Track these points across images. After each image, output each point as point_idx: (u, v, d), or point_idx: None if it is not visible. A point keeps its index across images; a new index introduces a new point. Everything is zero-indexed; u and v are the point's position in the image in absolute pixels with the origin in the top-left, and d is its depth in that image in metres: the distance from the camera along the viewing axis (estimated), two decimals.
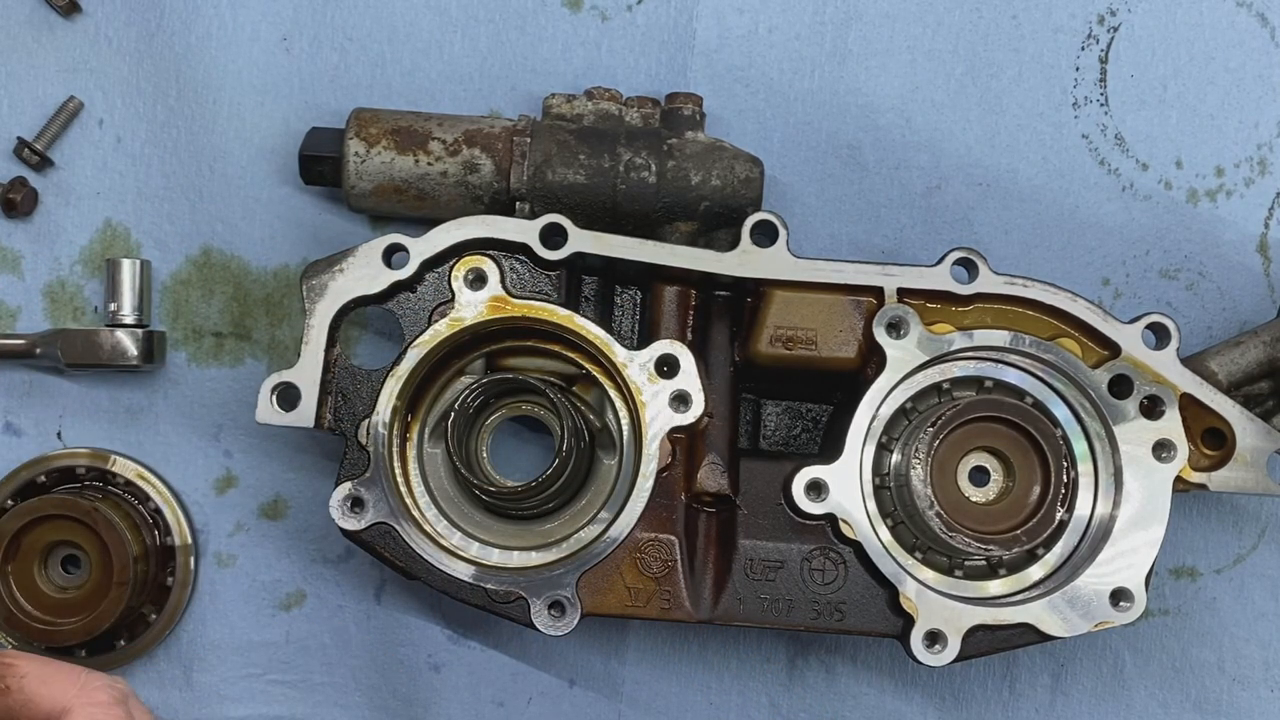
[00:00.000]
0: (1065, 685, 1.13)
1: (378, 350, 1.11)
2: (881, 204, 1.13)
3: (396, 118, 1.06)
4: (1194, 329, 1.12)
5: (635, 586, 1.00)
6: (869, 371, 1.01)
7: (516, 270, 1.02)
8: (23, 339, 1.09)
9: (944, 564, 1.02)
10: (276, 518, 1.12)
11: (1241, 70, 1.14)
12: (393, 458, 1.02)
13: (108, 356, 1.07)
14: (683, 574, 1.00)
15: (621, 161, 1.04)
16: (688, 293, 1.04)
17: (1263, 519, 1.14)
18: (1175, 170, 1.14)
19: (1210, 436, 1.03)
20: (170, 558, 1.10)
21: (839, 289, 1.02)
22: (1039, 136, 1.13)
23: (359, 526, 1.00)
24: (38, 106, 1.12)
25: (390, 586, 1.12)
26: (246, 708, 1.12)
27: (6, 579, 1.05)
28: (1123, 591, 1.00)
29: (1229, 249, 1.14)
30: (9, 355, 1.10)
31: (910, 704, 1.13)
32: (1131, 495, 1.01)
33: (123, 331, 1.08)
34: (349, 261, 1.01)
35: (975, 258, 1.01)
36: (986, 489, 1.01)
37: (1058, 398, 1.02)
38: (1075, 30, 1.14)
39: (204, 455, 1.12)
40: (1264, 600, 1.13)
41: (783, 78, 1.13)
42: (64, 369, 1.09)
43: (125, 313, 1.08)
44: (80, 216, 1.12)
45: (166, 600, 1.10)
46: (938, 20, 1.13)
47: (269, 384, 1.01)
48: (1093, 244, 1.13)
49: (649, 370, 1.00)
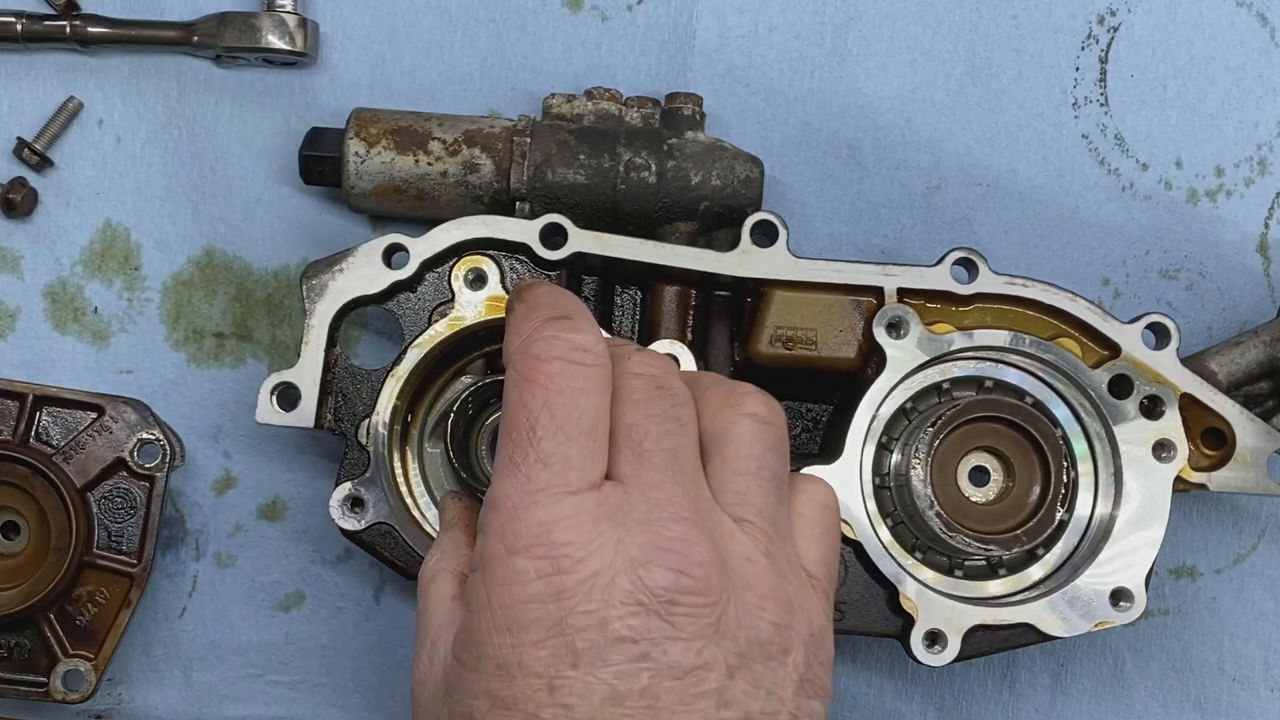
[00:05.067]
0: (1065, 685, 1.13)
1: (378, 350, 1.11)
2: (881, 204, 1.13)
3: (396, 118, 1.06)
4: (1194, 329, 1.12)
5: None
6: (869, 371, 1.01)
7: (516, 270, 1.02)
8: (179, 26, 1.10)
9: (944, 564, 1.02)
10: (275, 519, 1.12)
11: (1241, 70, 1.14)
12: (393, 458, 1.02)
13: (267, 40, 1.07)
14: None
15: (621, 161, 1.04)
16: (688, 293, 1.04)
17: (1263, 519, 1.14)
18: (1175, 170, 1.14)
19: (1210, 436, 1.03)
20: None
21: (839, 289, 1.02)
22: (1039, 136, 1.13)
23: (359, 526, 1.00)
24: (38, 106, 1.12)
25: (390, 587, 1.12)
26: (246, 708, 1.12)
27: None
28: (1123, 591, 1.00)
29: (1229, 249, 1.14)
30: (163, 43, 1.10)
31: (910, 704, 1.13)
32: (1131, 495, 1.01)
33: (285, 14, 1.08)
34: (349, 261, 1.01)
35: (975, 258, 1.01)
36: (986, 489, 1.02)
37: (1058, 398, 1.02)
38: (1075, 30, 1.14)
39: (203, 456, 1.12)
40: (1264, 600, 1.13)
41: (783, 78, 1.13)
42: (221, 56, 1.09)
43: (284, 1, 1.09)
44: (80, 216, 1.12)
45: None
46: (938, 20, 1.13)
47: (269, 384, 1.01)
48: (1093, 244, 1.13)
49: None
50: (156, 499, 1.05)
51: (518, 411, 0.75)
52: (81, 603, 1.05)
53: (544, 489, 0.73)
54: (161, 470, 1.06)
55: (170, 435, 1.07)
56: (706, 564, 0.73)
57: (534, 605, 0.71)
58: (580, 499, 0.73)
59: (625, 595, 0.71)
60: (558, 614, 0.71)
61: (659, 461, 0.76)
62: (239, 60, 1.11)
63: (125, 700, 1.12)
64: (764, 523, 0.78)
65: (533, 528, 0.72)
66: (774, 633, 0.75)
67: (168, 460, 1.06)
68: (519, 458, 0.74)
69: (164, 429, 1.07)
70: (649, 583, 0.71)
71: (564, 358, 0.75)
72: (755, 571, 0.75)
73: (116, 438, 1.06)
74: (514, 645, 0.71)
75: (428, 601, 0.82)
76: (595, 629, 0.71)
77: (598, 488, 0.74)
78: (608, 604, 0.71)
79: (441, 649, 0.77)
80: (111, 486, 1.06)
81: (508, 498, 0.73)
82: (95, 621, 1.05)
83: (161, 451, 1.06)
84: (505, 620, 0.72)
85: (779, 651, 0.75)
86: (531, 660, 0.71)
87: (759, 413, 0.81)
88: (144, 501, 1.06)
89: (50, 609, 1.04)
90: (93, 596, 1.05)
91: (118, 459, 1.05)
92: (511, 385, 0.76)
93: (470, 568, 0.76)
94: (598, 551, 0.72)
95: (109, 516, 1.06)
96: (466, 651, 0.74)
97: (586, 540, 0.72)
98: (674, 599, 0.72)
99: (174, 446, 1.06)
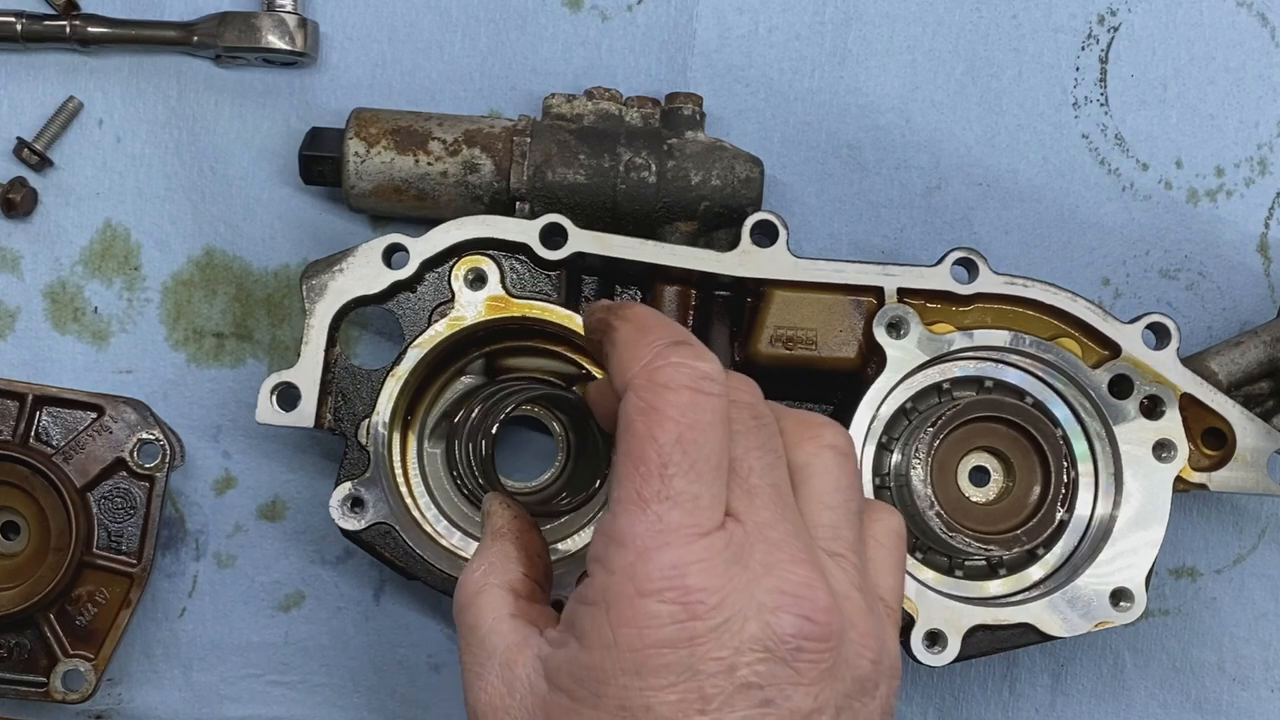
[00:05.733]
0: (1065, 685, 1.13)
1: (378, 350, 1.11)
2: (881, 204, 1.13)
3: (396, 118, 1.06)
4: (1194, 329, 1.12)
5: None
6: (869, 371, 1.01)
7: (516, 270, 1.02)
8: (178, 26, 1.10)
9: (944, 564, 1.02)
10: (275, 519, 1.12)
11: (1241, 70, 1.14)
12: (393, 458, 1.02)
13: (267, 40, 1.07)
14: None
15: (621, 161, 1.04)
16: (688, 293, 1.04)
17: (1263, 519, 1.14)
18: (1175, 170, 1.14)
19: (1210, 436, 1.03)
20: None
21: (839, 289, 1.02)
22: (1039, 136, 1.13)
23: (359, 526, 1.00)
24: (38, 106, 1.12)
25: (389, 587, 1.12)
26: (246, 708, 1.12)
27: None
28: (1123, 591, 1.00)
29: (1229, 249, 1.14)
30: (163, 42, 1.10)
31: (910, 704, 1.13)
32: (1131, 495, 1.01)
33: (285, 14, 1.08)
34: (349, 261, 1.01)
35: (975, 258, 1.01)
36: (987, 489, 1.02)
37: (1058, 398, 1.02)
38: (1075, 30, 1.14)
39: (203, 456, 1.12)
40: (1264, 600, 1.13)
41: (783, 78, 1.13)
42: (221, 56, 1.09)
43: (284, 1, 1.09)
44: (80, 216, 1.12)
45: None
46: (938, 20, 1.13)
47: (269, 384, 1.01)
48: (1093, 244, 1.13)
49: None
50: (156, 499, 1.05)
51: (647, 445, 0.72)
52: (81, 603, 1.05)
53: (676, 529, 0.71)
54: (161, 470, 1.05)
55: (170, 435, 1.07)
56: (830, 609, 0.72)
57: (665, 650, 0.70)
58: (710, 541, 0.71)
59: (754, 641, 0.70)
60: (689, 659, 0.70)
61: (767, 498, 0.74)
62: (239, 60, 1.11)
63: (125, 700, 1.12)
64: (854, 556, 0.77)
65: (665, 570, 0.70)
66: (871, 670, 0.75)
67: (168, 460, 1.05)
68: (649, 494, 0.71)
69: (164, 429, 1.07)
70: (778, 629, 0.71)
71: (693, 387, 0.73)
72: (853, 609, 0.75)
73: (116, 438, 1.06)
74: (642, 689, 0.70)
75: (479, 617, 0.80)
76: (724, 675, 0.70)
77: (723, 528, 0.72)
78: (738, 650, 0.70)
79: (522, 674, 0.76)
80: (111, 486, 1.06)
81: (636, 536, 0.71)
82: (95, 621, 1.05)
83: (161, 451, 1.06)
84: (634, 663, 0.70)
85: (872, 687, 0.75)
86: (659, 704, 0.70)
87: (839, 445, 0.80)
88: (144, 501, 1.06)
89: (50, 609, 1.04)
90: (93, 596, 1.05)
91: (118, 459, 1.05)
92: (637, 414, 0.73)
93: (581, 598, 0.74)
94: (730, 597, 0.70)
95: (109, 516, 1.06)
96: (583, 688, 0.72)
97: (719, 585, 0.70)
98: (801, 646, 0.71)
99: (174, 446, 1.06)
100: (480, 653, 0.78)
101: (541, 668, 0.75)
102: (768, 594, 0.71)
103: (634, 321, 0.78)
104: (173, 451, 1.06)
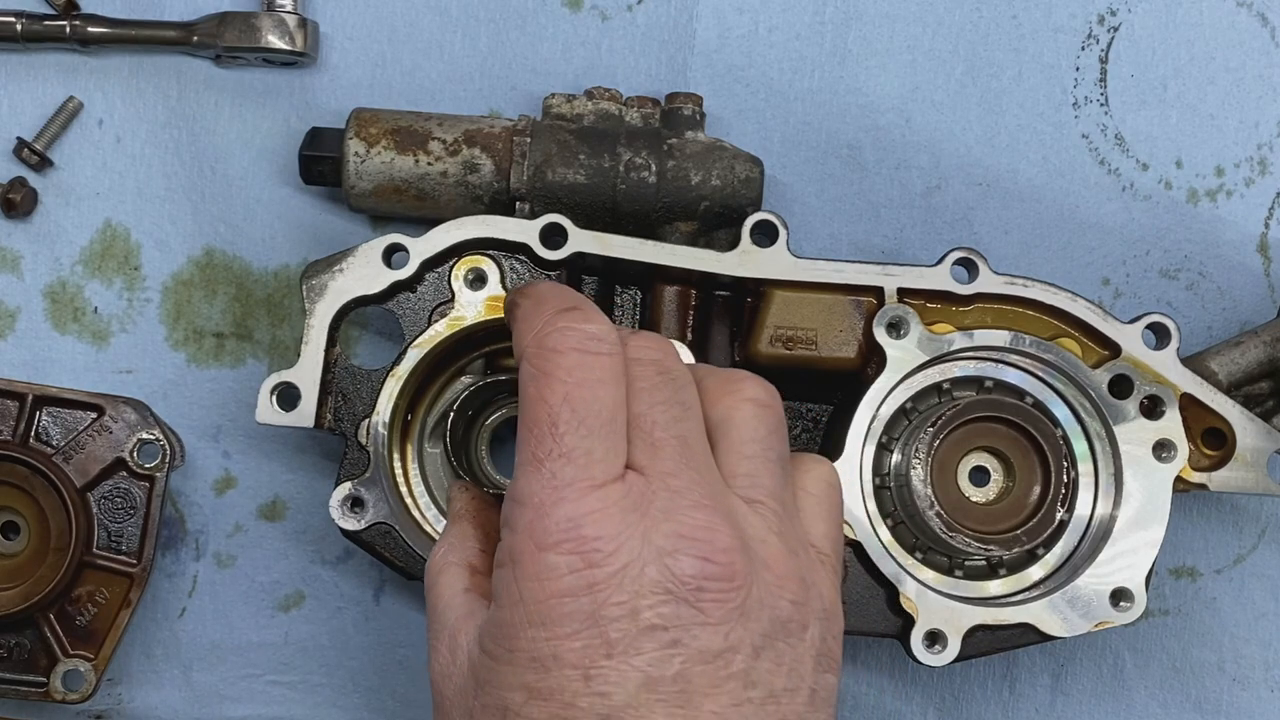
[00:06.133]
0: (1065, 685, 1.13)
1: (378, 350, 1.11)
2: (881, 204, 1.13)
3: (396, 118, 1.06)
4: (1194, 329, 1.12)
5: None
6: (869, 371, 1.01)
7: (516, 270, 1.02)
8: (178, 26, 1.10)
9: (944, 564, 1.02)
10: (275, 519, 1.12)
11: (1241, 70, 1.14)
12: (393, 458, 1.02)
13: (267, 40, 1.08)
14: None
15: (621, 161, 1.04)
16: (688, 293, 1.04)
17: (1263, 519, 1.14)
18: (1175, 170, 1.14)
19: (1210, 436, 1.03)
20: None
21: (839, 289, 1.02)
22: (1039, 136, 1.13)
23: (359, 527, 1.00)
24: (38, 106, 1.12)
25: (389, 587, 1.12)
26: (246, 708, 1.12)
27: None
28: (1123, 591, 1.00)
29: (1229, 249, 1.14)
30: (163, 42, 1.10)
31: (910, 704, 1.13)
32: (1131, 495, 1.01)
33: (285, 14, 1.08)
34: (349, 261, 1.01)
35: (975, 258, 1.01)
36: (987, 489, 1.02)
37: (1058, 398, 1.02)
38: (1075, 30, 1.14)
39: (203, 456, 1.12)
40: (1264, 600, 1.13)
41: (783, 78, 1.13)
42: (221, 56, 1.09)
43: (284, 1, 1.09)
44: (80, 216, 1.12)
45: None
46: (938, 20, 1.13)
47: (269, 384, 1.01)
48: (1093, 244, 1.13)
49: None
50: (156, 499, 1.05)
51: (537, 406, 0.75)
52: (81, 603, 1.05)
53: (570, 484, 0.74)
54: (161, 470, 1.05)
55: (170, 435, 1.07)
56: (730, 550, 0.74)
57: (567, 599, 0.72)
58: (605, 492, 0.74)
59: (655, 585, 0.73)
60: (591, 606, 0.72)
61: (672, 449, 0.77)
62: (239, 60, 1.11)
63: (125, 700, 1.12)
64: (774, 503, 0.79)
65: (561, 523, 0.73)
66: (793, 610, 0.77)
67: (168, 460, 1.05)
68: (542, 453, 0.75)
69: (164, 429, 1.07)
70: (677, 571, 0.73)
71: (580, 348, 0.76)
72: (770, 552, 0.77)
73: (116, 438, 1.06)
74: (548, 639, 0.73)
75: (439, 594, 0.83)
76: (627, 619, 0.72)
77: (621, 479, 0.75)
78: (639, 594, 0.72)
79: (464, 641, 0.78)
80: (111, 486, 1.06)
81: (534, 494, 0.74)
82: (95, 621, 1.05)
83: (161, 451, 1.06)
84: (539, 615, 0.73)
85: (798, 628, 0.77)
86: (566, 652, 0.72)
87: (759, 397, 0.82)
88: (144, 501, 1.06)
89: (50, 609, 1.04)
90: (93, 596, 1.05)
91: (118, 459, 1.05)
92: (528, 380, 0.77)
93: (496, 562, 0.77)
94: (627, 544, 0.73)
95: (109, 516, 1.06)
96: (498, 645, 0.75)
97: (615, 533, 0.73)
98: (702, 586, 0.73)
99: (174, 446, 1.06)
100: (436, 626, 0.81)
101: (476, 634, 0.77)
102: (665, 538, 0.74)
103: (531, 296, 0.81)
104: (173, 451, 1.06)
